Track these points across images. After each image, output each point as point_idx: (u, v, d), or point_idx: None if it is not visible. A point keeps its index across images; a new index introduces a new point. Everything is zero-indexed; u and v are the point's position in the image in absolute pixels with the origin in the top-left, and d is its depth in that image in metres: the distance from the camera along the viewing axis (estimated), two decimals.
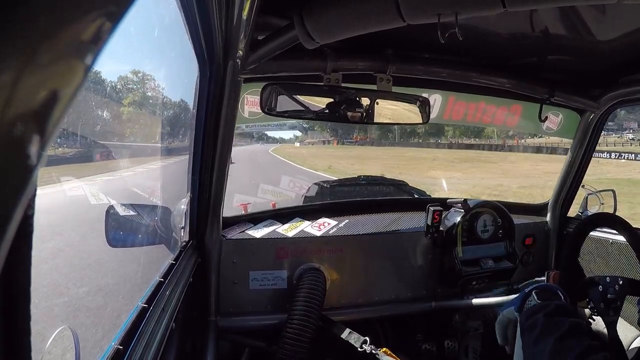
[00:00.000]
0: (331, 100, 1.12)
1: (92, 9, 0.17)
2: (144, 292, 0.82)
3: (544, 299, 0.84)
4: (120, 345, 0.61)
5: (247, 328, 1.35)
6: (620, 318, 0.97)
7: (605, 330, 0.97)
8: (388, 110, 1.20)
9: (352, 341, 1.23)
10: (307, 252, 1.39)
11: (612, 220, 1.19)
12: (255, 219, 1.47)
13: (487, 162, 21.52)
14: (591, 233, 1.47)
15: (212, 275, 1.27)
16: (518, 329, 0.90)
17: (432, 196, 2.61)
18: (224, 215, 1.28)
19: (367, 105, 1.14)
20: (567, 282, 1.02)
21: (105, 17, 0.18)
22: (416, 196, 2.67)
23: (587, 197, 1.71)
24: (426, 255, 1.52)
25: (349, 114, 1.12)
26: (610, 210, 1.63)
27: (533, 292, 0.85)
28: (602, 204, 1.66)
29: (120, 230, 1.20)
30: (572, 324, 0.73)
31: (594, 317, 0.99)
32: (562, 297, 0.86)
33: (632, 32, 1.00)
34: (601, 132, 1.60)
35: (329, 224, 1.48)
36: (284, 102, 1.08)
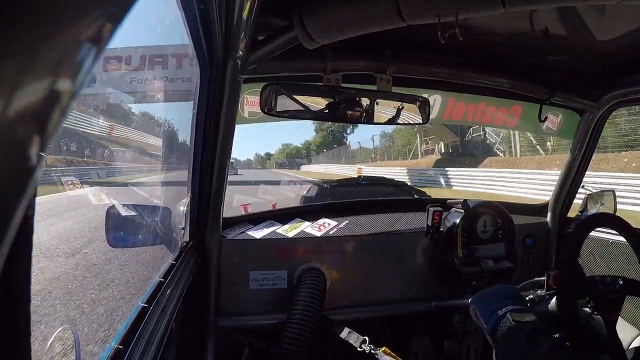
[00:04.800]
0: (331, 100, 1.12)
1: (92, 10, 0.17)
2: (144, 292, 0.82)
3: (519, 320, 0.85)
4: (121, 345, 0.61)
5: (247, 328, 1.35)
6: (620, 318, 0.98)
7: (605, 330, 0.97)
8: (388, 111, 1.20)
9: (351, 341, 1.23)
10: (307, 253, 1.39)
11: (612, 220, 1.19)
12: (255, 219, 1.47)
13: None
14: (591, 233, 1.47)
15: (212, 276, 1.27)
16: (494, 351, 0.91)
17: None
18: (224, 216, 1.28)
19: (367, 105, 1.14)
20: (567, 282, 1.02)
21: (106, 18, 0.18)
22: (416, 196, 2.67)
23: (587, 198, 1.71)
24: (426, 256, 1.52)
25: (349, 113, 1.12)
26: (610, 211, 1.63)
27: (507, 314, 0.85)
28: (602, 204, 1.66)
29: (120, 230, 1.19)
30: (554, 343, 0.75)
31: (593, 316, 0.99)
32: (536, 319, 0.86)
33: (632, 32, 1.00)
34: (601, 132, 1.60)
35: (329, 224, 1.48)
36: (284, 102, 1.08)
